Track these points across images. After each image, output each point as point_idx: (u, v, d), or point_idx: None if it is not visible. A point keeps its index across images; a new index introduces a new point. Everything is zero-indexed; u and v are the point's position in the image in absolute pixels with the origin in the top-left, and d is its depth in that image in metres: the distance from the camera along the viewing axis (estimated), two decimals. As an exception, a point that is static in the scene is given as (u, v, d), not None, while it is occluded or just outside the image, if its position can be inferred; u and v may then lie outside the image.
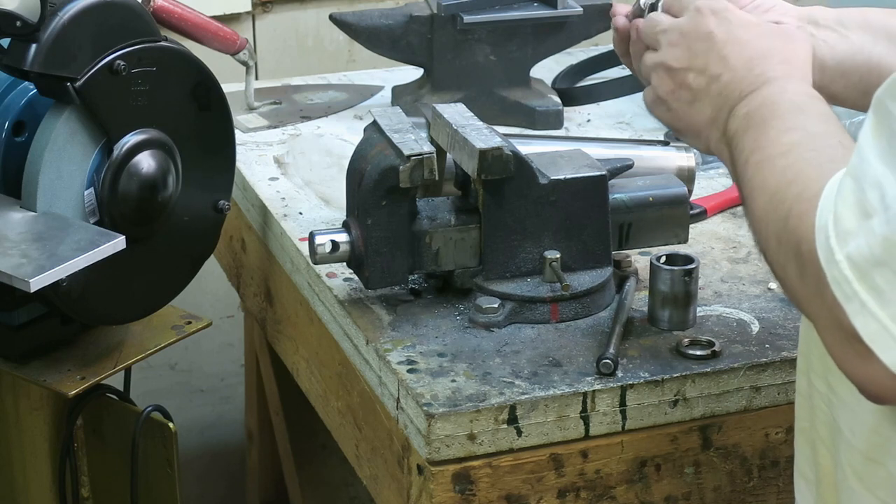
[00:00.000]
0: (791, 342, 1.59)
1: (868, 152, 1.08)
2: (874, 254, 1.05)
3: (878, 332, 1.06)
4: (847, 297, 1.07)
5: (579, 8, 2.18)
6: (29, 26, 1.59)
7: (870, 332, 1.06)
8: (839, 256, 1.07)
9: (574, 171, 1.66)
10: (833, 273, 1.08)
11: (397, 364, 1.56)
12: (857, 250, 1.06)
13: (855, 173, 1.09)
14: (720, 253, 1.81)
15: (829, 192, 1.11)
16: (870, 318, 1.06)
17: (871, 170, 1.07)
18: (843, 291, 1.07)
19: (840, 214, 1.08)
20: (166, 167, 1.72)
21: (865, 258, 1.06)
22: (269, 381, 2.39)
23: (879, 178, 1.06)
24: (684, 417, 1.56)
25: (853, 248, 1.07)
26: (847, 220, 1.08)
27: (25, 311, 1.76)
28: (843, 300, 1.07)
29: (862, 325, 1.07)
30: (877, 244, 1.05)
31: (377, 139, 1.67)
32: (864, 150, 1.09)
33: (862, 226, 1.07)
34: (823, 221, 1.10)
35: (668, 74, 1.43)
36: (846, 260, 1.07)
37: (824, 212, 1.10)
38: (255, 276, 2.08)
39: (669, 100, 1.43)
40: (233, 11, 2.73)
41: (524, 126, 2.19)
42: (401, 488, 1.56)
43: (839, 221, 1.08)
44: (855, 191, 1.08)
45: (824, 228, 1.09)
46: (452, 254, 1.66)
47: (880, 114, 1.09)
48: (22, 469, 1.90)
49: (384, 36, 2.18)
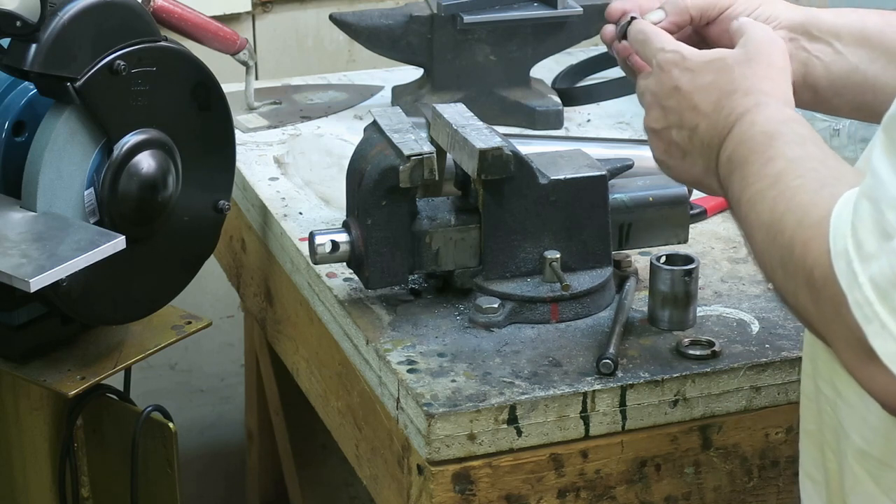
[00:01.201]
0: (791, 342, 1.60)
1: (883, 173, 1.08)
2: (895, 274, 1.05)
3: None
4: (867, 318, 1.07)
5: (579, 8, 2.18)
6: (29, 26, 1.59)
7: (888, 352, 1.06)
8: (862, 279, 1.07)
9: (574, 171, 1.66)
10: (855, 296, 1.07)
11: (397, 364, 1.56)
12: (879, 272, 1.06)
13: (872, 195, 1.08)
14: (720, 253, 1.81)
15: (839, 216, 1.11)
16: (889, 339, 1.06)
17: (888, 191, 1.07)
18: (863, 313, 1.07)
19: (861, 238, 1.08)
20: (166, 167, 1.72)
21: (888, 279, 1.05)
22: (269, 381, 2.39)
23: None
24: (684, 417, 1.56)
25: (876, 269, 1.06)
26: (868, 244, 1.07)
27: (25, 311, 1.76)
28: (863, 322, 1.07)
29: (881, 345, 1.06)
30: None
31: (377, 139, 1.67)
32: (878, 171, 1.08)
33: (883, 247, 1.06)
34: (842, 247, 1.09)
35: (656, 136, 1.44)
36: (869, 282, 1.06)
37: (839, 237, 1.10)
38: (255, 276, 2.08)
39: (665, 159, 1.44)
40: (233, 11, 2.73)
41: (524, 126, 2.19)
42: (401, 488, 1.56)
43: (861, 246, 1.08)
44: (873, 213, 1.07)
45: (844, 254, 1.09)
46: (452, 254, 1.66)
47: (892, 132, 1.08)
48: (22, 469, 1.90)
49: (384, 36, 2.18)
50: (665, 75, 1.42)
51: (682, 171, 1.43)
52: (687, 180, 1.45)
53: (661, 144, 1.43)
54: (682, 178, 1.45)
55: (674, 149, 1.41)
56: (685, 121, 1.39)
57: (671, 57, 1.42)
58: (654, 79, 1.43)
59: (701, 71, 1.39)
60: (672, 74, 1.41)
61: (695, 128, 1.38)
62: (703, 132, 1.37)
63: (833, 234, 1.10)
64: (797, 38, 1.48)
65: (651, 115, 1.44)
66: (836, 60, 1.47)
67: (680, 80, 1.40)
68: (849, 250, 1.08)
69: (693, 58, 1.41)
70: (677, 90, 1.40)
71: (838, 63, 1.47)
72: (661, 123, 1.42)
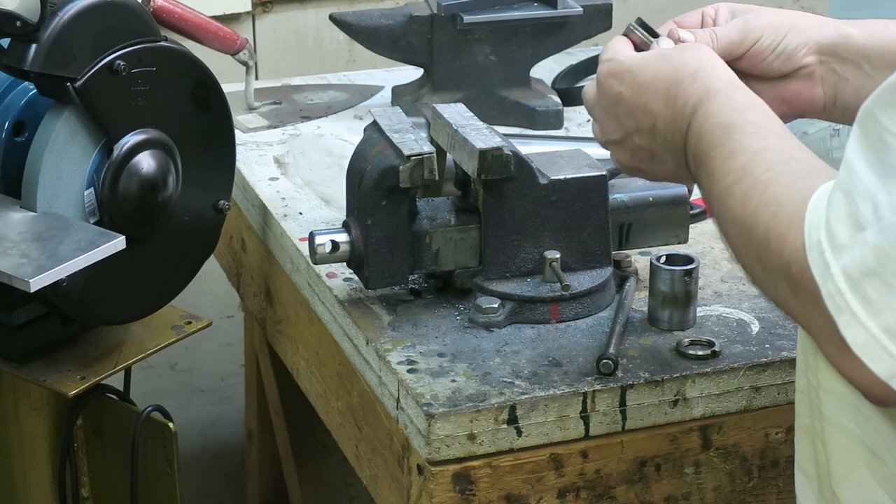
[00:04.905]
0: (791, 342, 1.60)
1: (857, 165, 1.08)
2: (867, 264, 1.05)
3: (868, 343, 1.06)
4: (839, 308, 1.07)
5: (579, 8, 2.18)
6: (29, 26, 1.59)
7: (859, 342, 1.07)
8: (834, 270, 1.08)
9: (574, 171, 1.66)
10: (828, 287, 1.08)
11: (397, 364, 1.56)
12: (851, 262, 1.07)
13: (845, 187, 1.09)
14: (720, 253, 1.81)
15: (814, 209, 1.11)
16: (859, 328, 1.06)
17: (861, 183, 1.07)
18: (836, 304, 1.08)
19: (833, 230, 1.09)
20: (166, 167, 1.72)
21: (859, 269, 1.06)
22: (269, 381, 2.39)
23: (871, 190, 1.07)
24: (684, 417, 1.56)
25: (848, 260, 1.07)
26: (841, 235, 1.08)
27: (25, 311, 1.76)
28: (836, 312, 1.08)
29: (851, 335, 1.07)
30: (869, 254, 1.05)
31: (377, 139, 1.67)
32: (852, 163, 1.09)
33: (856, 238, 1.07)
34: (815, 238, 1.10)
35: (618, 147, 1.44)
36: (841, 273, 1.07)
37: (813, 228, 1.10)
38: (255, 276, 2.08)
39: (635, 164, 1.44)
40: (233, 11, 2.74)
41: (524, 126, 2.19)
42: (401, 488, 1.56)
43: (833, 237, 1.08)
44: (846, 204, 1.08)
45: (817, 245, 1.10)
46: (452, 254, 1.66)
47: (867, 125, 1.09)
48: (22, 469, 1.90)
49: (384, 36, 2.18)
50: (605, 87, 1.42)
51: (655, 172, 1.43)
52: (661, 178, 1.45)
53: (625, 153, 1.43)
54: (657, 178, 1.45)
55: (640, 153, 1.41)
56: (641, 123, 1.39)
57: (606, 67, 1.42)
58: (597, 93, 1.43)
59: (639, 69, 1.39)
60: (611, 84, 1.41)
61: (652, 127, 1.38)
62: (662, 129, 1.37)
63: (808, 227, 1.11)
64: (827, 60, 1.47)
65: (608, 128, 1.43)
66: (865, 84, 1.45)
67: (620, 87, 1.40)
68: (822, 242, 1.09)
69: (627, 60, 1.41)
70: (621, 97, 1.40)
71: (868, 86, 1.44)
72: (620, 133, 1.42)
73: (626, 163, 1.44)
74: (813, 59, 1.47)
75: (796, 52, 1.47)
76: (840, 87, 1.46)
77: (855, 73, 1.46)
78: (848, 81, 1.46)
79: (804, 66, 1.47)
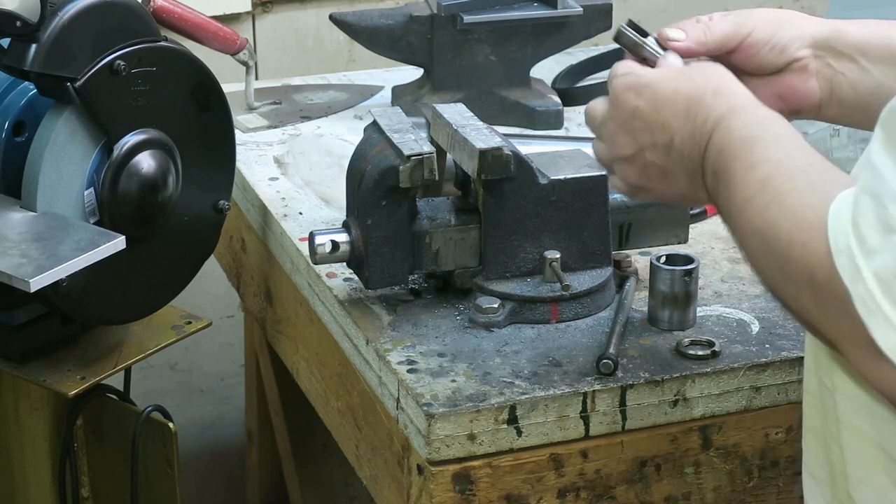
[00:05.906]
0: (791, 342, 1.60)
1: (883, 168, 1.08)
2: None
3: None
4: (870, 311, 1.07)
5: (579, 8, 2.18)
6: (29, 26, 1.59)
7: (891, 345, 1.06)
8: (866, 273, 1.07)
9: (574, 171, 1.66)
10: (859, 290, 1.07)
11: (397, 364, 1.56)
12: (883, 265, 1.06)
13: (872, 191, 1.08)
14: (720, 253, 1.81)
15: (837, 215, 1.11)
16: (891, 330, 1.06)
17: (888, 185, 1.07)
18: (867, 307, 1.07)
19: (863, 233, 1.08)
20: (166, 167, 1.72)
21: (891, 272, 1.05)
22: (269, 381, 2.39)
23: None
24: (684, 417, 1.56)
25: (879, 263, 1.06)
26: (871, 238, 1.07)
27: (25, 311, 1.76)
28: (867, 315, 1.07)
29: (883, 338, 1.06)
30: None
31: (377, 139, 1.67)
32: (878, 166, 1.08)
33: (886, 241, 1.06)
34: (843, 244, 1.09)
35: (627, 163, 1.40)
36: (873, 276, 1.06)
37: (839, 234, 1.10)
38: (255, 276, 2.08)
39: (643, 183, 1.40)
40: (233, 11, 2.73)
41: (524, 126, 2.19)
42: (401, 488, 1.56)
43: (864, 241, 1.08)
44: (875, 208, 1.07)
45: (846, 250, 1.09)
46: (452, 254, 1.66)
47: (890, 127, 1.08)
48: (22, 469, 1.90)
49: (384, 36, 2.18)
50: (622, 101, 1.38)
51: (664, 191, 1.39)
52: (670, 199, 1.41)
53: (634, 170, 1.39)
54: (665, 198, 1.42)
55: (651, 170, 1.38)
56: (657, 139, 1.36)
57: (624, 81, 1.39)
58: (611, 107, 1.40)
59: (659, 84, 1.37)
60: (628, 97, 1.38)
61: (669, 143, 1.35)
62: (679, 145, 1.34)
63: (832, 233, 1.10)
64: (822, 55, 1.46)
65: (619, 143, 1.39)
66: (862, 78, 1.44)
67: (638, 101, 1.37)
68: (851, 246, 1.08)
69: (647, 75, 1.38)
70: (638, 111, 1.37)
71: (864, 80, 1.44)
72: (632, 148, 1.38)
73: (633, 181, 1.40)
74: (807, 53, 1.45)
75: (790, 45, 1.45)
76: (836, 81, 1.45)
77: (850, 67, 1.45)
78: (843, 76, 1.45)
79: (798, 59, 1.45)
